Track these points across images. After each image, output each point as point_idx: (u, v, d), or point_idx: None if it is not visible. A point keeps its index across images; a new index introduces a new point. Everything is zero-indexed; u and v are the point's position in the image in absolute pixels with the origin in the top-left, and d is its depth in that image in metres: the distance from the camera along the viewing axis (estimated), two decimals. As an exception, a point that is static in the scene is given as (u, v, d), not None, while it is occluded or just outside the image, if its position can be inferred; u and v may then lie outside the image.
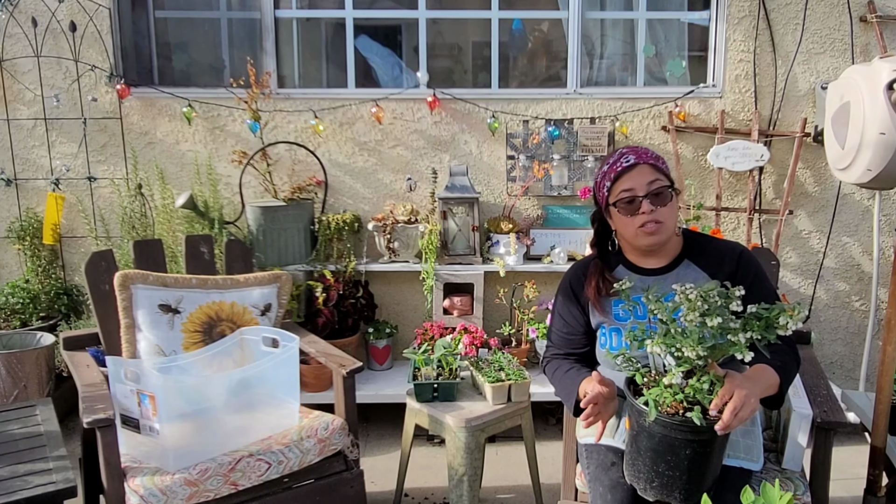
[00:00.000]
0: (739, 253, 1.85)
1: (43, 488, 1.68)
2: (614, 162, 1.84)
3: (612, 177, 1.82)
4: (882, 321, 3.24)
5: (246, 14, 3.67)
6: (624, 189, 1.80)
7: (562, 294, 1.98)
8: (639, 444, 1.57)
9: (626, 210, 1.80)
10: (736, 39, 3.35)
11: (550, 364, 1.98)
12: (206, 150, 3.43)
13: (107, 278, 2.33)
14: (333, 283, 3.18)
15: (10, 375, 3.00)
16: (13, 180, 3.45)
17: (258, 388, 2.17)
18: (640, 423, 1.54)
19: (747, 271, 1.81)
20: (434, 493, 2.75)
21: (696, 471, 1.53)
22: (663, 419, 1.48)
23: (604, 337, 1.88)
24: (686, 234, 1.92)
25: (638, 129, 3.42)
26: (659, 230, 1.79)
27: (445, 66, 3.84)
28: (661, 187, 1.79)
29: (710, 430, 1.46)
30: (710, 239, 1.93)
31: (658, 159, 1.84)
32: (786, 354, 1.73)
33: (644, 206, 1.77)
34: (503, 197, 3.47)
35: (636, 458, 1.59)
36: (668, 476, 1.53)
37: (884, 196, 3.36)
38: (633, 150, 1.85)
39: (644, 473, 1.57)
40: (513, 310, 3.42)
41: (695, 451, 1.50)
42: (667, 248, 1.86)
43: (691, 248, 1.89)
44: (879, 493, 2.11)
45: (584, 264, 1.98)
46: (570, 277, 1.98)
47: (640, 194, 1.78)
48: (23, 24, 3.33)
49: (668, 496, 1.56)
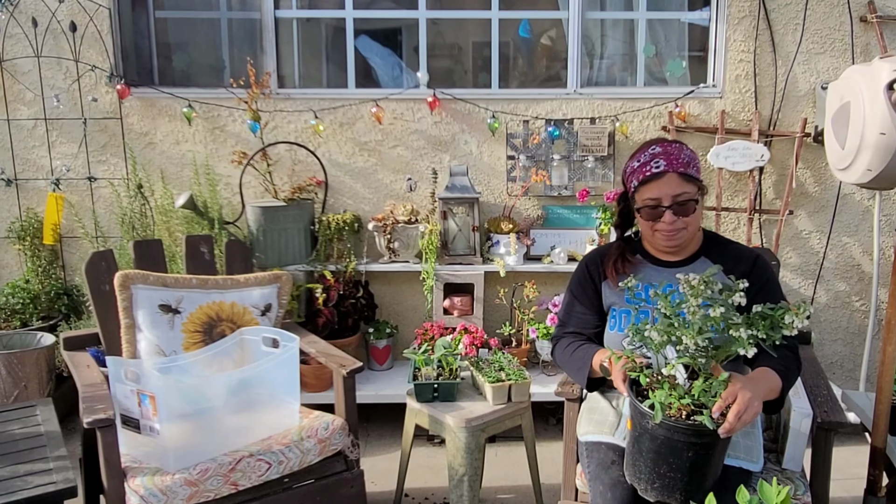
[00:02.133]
0: (756, 257, 1.87)
1: (43, 488, 1.68)
2: (645, 163, 1.81)
3: (640, 179, 1.81)
4: (882, 321, 3.24)
5: (246, 14, 3.67)
6: (650, 197, 1.79)
7: (577, 275, 2.00)
8: (641, 445, 1.56)
9: (649, 216, 1.81)
10: (736, 39, 3.35)
11: (560, 342, 1.98)
12: (205, 151, 3.43)
13: (107, 278, 2.33)
14: (333, 284, 3.18)
15: (10, 375, 3.00)
16: (13, 180, 3.45)
17: (258, 388, 2.17)
18: (642, 425, 1.54)
19: (761, 276, 1.81)
20: (434, 493, 2.75)
21: (698, 472, 1.53)
22: (668, 422, 1.48)
23: (614, 319, 1.90)
24: (706, 232, 1.95)
25: (638, 129, 3.42)
26: (678, 236, 1.81)
27: (445, 67, 3.84)
28: (687, 199, 1.78)
29: (715, 433, 1.46)
30: (730, 241, 1.96)
31: (689, 165, 1.80)
32: (789, 359, 1.74)
33: (666, 217, 1.78)
34: (503, 197, 3.47)
35: (637, 458, 1.58)
36: (670, 478, 1.53)
37: (884, 196, 3.36)
38: (666, 152, 1.80)
39: (645, 474, 1.57)
40: (513, 310, 3.42)
41: (697, 454, 1.50)
42: (687, 245, 1.89)
43: (710, 246, 1.91)
44: (879, 493, 2.11)
45: (603, 250, 2.00)
46: (587, 260, 2.00)
47: (664, 204, 1.78)
48: (23, 24, 3.33)
49: (668, 497, 1.56)
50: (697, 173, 1.82)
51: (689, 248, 1.90)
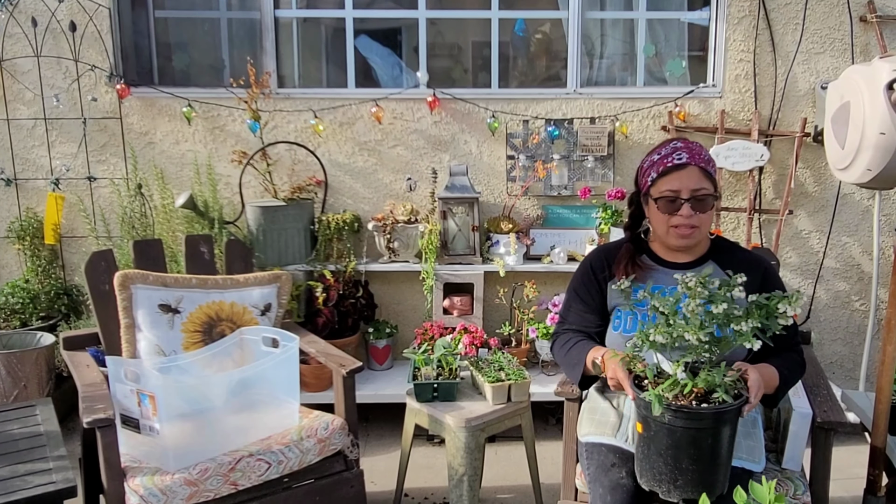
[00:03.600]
0: (766, 267, 1.87)
1: (43, 488, 1.68)
2: (666, 155, 1.81)
3: (660, 170, 1.80)
4: (882, 321, 3.24)
5: (246, 14, 3.67)
6: (669, 188, 1.78)
7: (580, 273, 1.99)
8: (657, 445, 1.52)
9: (666, 209, 1.80)
10: (736, 39, 3.35)
11: (560, 338, 1.98)
12: (205, 150, 3.43)
13: (107, 278, 2.33)
14: (333, 283, 3.18)
15: (10, 375, 3.00)
16: (13, 180, 3.45)
17: (258, 388, 2.17)
18: (657, 422, 1.50)
19: (767, 284, 1.81)
20: (434, 493, 2.75)
21: (717, 461, 1.51)
22: (687, 409, 1.46)
23: (618, 319, 1.89)
24: (715, 237, 1.94)
25: (638, 129, 3.42)
26: (692, 234, 1.81)
27: (445, 66, 3.84)
28: (706, 195, 1.78)
29: (732, 410, 1.47)
30: (736, 245, 1.95)
31: (709, 163, 1.81)
32: (793, 361, 1.79)
33: (684, 210, 1.77)
34: (503, 197, 3.47)
35: (655, 460, 1.54)
36: (692, 471, 1.50)
37: (884, 196, 3.36)
38: (688, 147, 1.81)
39: (666, 474, 1.53)
40: (513, 310, 3.42)
41: (716, 440, 1.48)
42: (695, 247, 1.88)
43: (718, 251, 1.91)
44: (879, 493, 2.11)
45: (608, 248, 1.99)
46: (591, 259, 1.99)
47: (683, 197, 1.77)
48: (23, 24, 3.33)
49: (693, 492, 1.51)
50: (715, 174, 1.84)
51: (697, 250, 1.89)
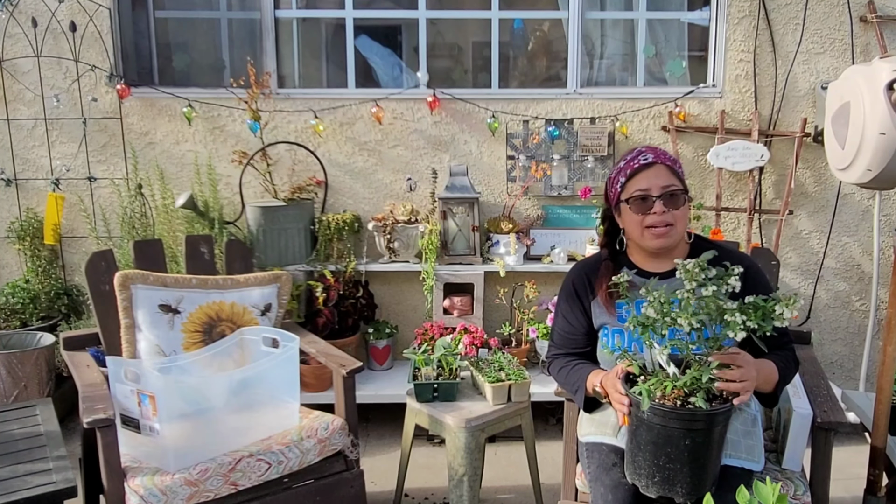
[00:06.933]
0: (748, 265, 1.84)
1: (43, 488, 1.68)
2: (631, 159, 1.84)
3: (628, 173, 1.82)
4: (882, 321, 3.24)
5: (246, 14, 3.67)
6: (639, 188, 1.80)
7: (564, 294, 1.98)
8: (638, 438, 1.57)
9: (639, 208, 1.80)
10: (736, 39, 3.35)
11: (554, 363, 1.99)
12: (206, 150, 3.43)
13: (107, 278, 2.33)
14: (333, 283, 3.18)
15: (10, 375, 3.00)
16: (13, 180, 3.45)
17: (258, 388, 2.17)
18: (638, 417, 1.55)
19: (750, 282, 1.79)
20: (434, 493, 2.75)
21: (697, 463, 1.53)
22: (662, 409, 1.49)
23: (605, 338, 1.88)
24: (697, 241, 1.93)
25: (638, 129, 3.42)
26: (668, 233, 1.80)
27: (445, 66, 3.84)
28: (676, 190, 1.80)
29: (709, 417, 1.48)
30: (719, 245, 1.92)
31: (675, 163, 1.85)
32: (787, 358, 1.79)
33: (657, 207, 1.78)
34: (503, 197, 3.47)
35: (636, 453, 1.59)
36: (669, 469, 1.53)
37: (884, 196, 3.36)
38: (652, 149, 1.85)
39: (645, 469, 1.57)
40: (513, 310, 3.42)
41: (694, 442, 1.50)
42: (674, 252, 1.86)
43: (699, 252, 1.87)
44: (879, 493, 2.11)
45: (587, 264, 1.98)
46: (572, 278, 1.98)
47: (654, 194, 1.78)
48: (23, 24, 3.33)
49: (669, 491, 1.56)
50: (682, 175, 1.85)
51: (677, 254, 1.86)
